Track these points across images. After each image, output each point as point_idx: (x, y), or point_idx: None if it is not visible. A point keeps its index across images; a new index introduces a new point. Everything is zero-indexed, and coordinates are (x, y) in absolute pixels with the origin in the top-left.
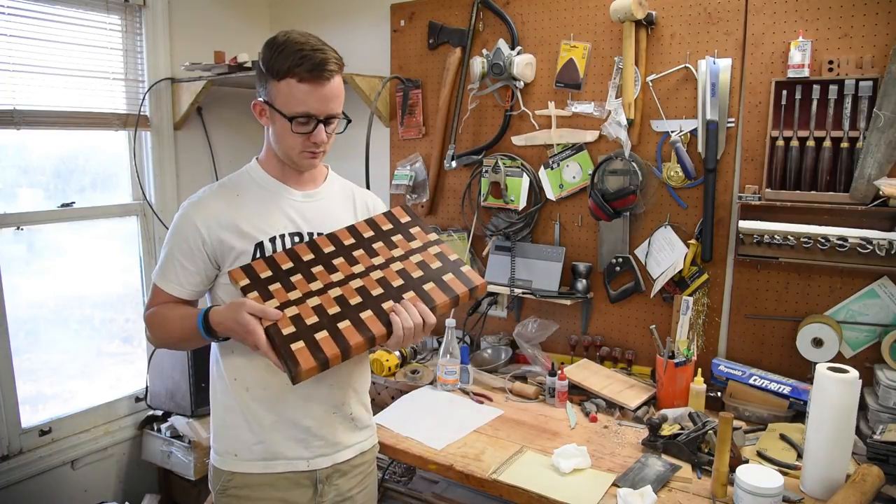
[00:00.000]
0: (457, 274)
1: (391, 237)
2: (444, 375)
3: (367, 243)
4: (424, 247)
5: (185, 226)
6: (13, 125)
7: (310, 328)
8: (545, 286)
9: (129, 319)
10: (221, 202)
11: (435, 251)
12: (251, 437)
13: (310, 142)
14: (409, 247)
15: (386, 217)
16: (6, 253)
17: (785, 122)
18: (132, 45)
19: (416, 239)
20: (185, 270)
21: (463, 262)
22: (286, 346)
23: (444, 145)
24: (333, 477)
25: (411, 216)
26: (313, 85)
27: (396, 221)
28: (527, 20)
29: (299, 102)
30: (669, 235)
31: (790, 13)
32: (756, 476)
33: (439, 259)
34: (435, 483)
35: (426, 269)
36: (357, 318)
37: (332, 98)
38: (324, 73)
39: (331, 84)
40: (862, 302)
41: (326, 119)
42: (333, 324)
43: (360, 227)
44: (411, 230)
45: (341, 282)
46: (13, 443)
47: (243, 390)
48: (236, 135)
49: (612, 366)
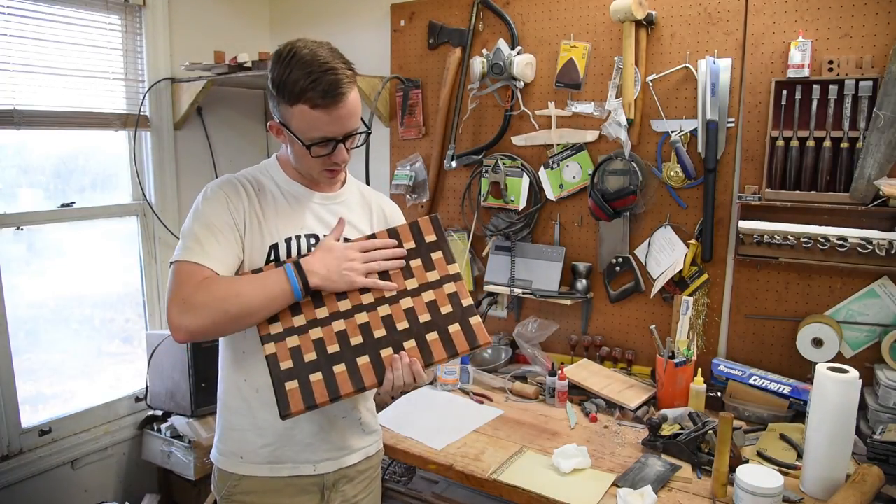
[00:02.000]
0: (464, 327)
1: (410, 262)
2: (444, 375)
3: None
4: (440, 282)
5: (219, 203)
6: (13, 125)
7: (306, 366)
8: (545, 286)
9: (129, 319)
10: (246, 195)
11: (450, 290)
12: (258, 440)
13: (331, 161)
14: (425, 279)
15: (411, 231)
16: (6, 253)
17: (785, 122)
18: (132, 45)
19: (434, 269)
20: (227, 243)
21: (474, 311)
22: (281, 382)
23: (444, 145)
24: (340, 483)
25: (438, 234)
26: (328, 111)
27: (420, 239)
28: (527, 20)
29: (315, 129)
30: (669, 235)
31: (790, 13)
32: (756, 476)
33: (451, 302)
34: (435, 483)
35: (434, 315)
36: (353, 363)
37: (349, 117)
38: (337, 97)
39: (345, 104)
40: (862, 302)
41: (345, 137)
42: (329, 366)
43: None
44: (433, 256)
45: (347, 313)
46: (13, 443)
47: (253, 392)
48: (236, 135)
49: (612, 366)
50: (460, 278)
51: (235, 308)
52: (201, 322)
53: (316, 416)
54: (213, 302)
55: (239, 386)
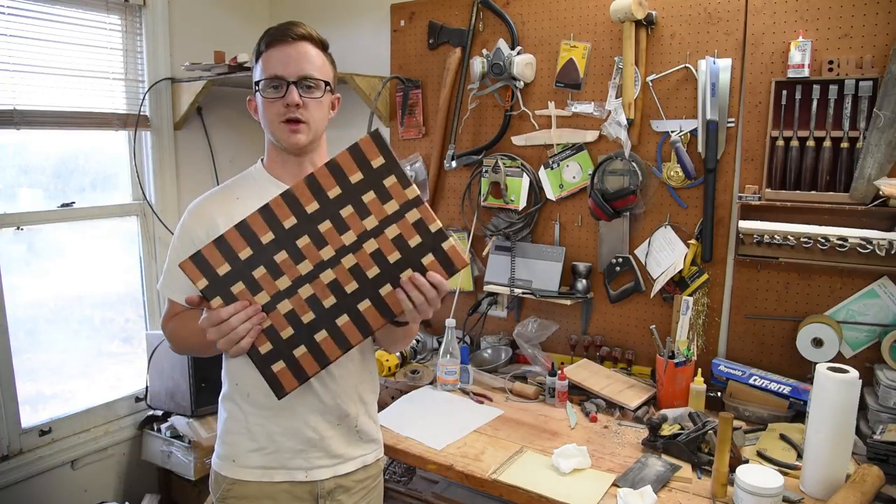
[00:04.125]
0: (438, 255)
1: (362, 197)
2: (444, 375)
3: (334, 209)
4: (401, 212)
5: (185, 232)
6: (13, 125)
7: (287, 343)
8: (545, 286)
9: (129, 319)
10: (219, 205)
11: (413, 218)
12: (250, 444)
13: (283, 106)
14: (383, 212)
15: (353, 158)
16: (6, 253)
17: (785, 122)
18: (132, 45)
19: (391, 199)
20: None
21: (445, 236)
22: (267, 368)
23: (444, 145)
24: (336, 492)
25: (385, 155)
26: (279, 46)
27: (367, 166)
28: (527, 20)
29: (268, 68)
30: (669, 235)
31: (790, 13)
32: (756, 476)
33: (418, 232)
34: (435, 483)
35: (404, 251)
36: (334, 326)
37: (301, 58)
38: (288, 34)
39: (298, 45)
40: (862, 302)
41: (299, 81)
42: (310, 336)
43: (323, 180)
44: (385, 183)
45: (310, 275)
46: (13, 443)
47: (244, 396)
48: (236, 135)
49: (612, 366)
50: (421, 202)
51: (185, 346)
52: (178, 350)
53: (310, 422)
54: (172, 341)
55: (232, 389)
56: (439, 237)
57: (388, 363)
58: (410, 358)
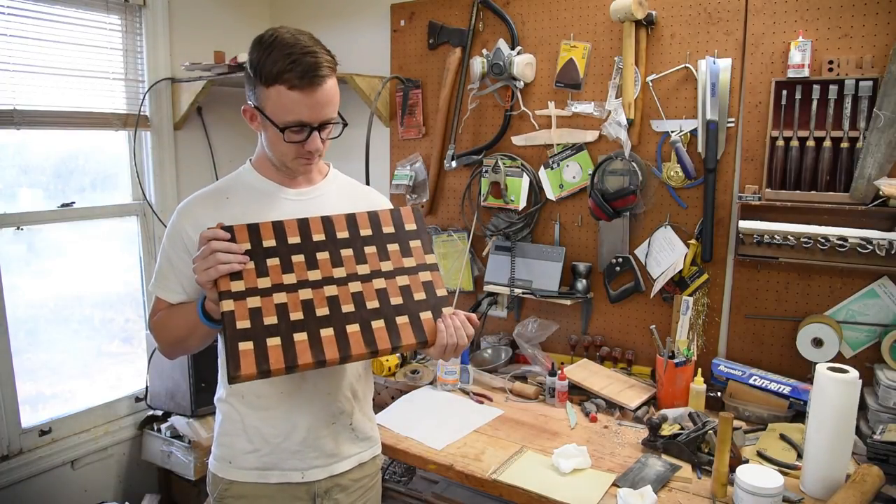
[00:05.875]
0: (436, 315)
1: (387, 245)
2: (444, 375)
3: (359, 243)
4: (416, 269)
5: (174, 232)
6: (13, 125)
7: (265, 329)
8: (545, 286)
9: (129, 319)
10: (209, 205)
11: (425, 278)
12: (246, 446)
13: (304, 150)
14: (401, 263)
15: (391, 216)
16: (6, 253)
17: (785, 122)
18: (132, 45)
19: (412, 256)
20: (180, 276)
21: (447, 302)
22: (234, 341)
23: (444, 145)
24: (333, 491)
25: (418, 224)
26: (305, 92)
27: (400, 225)
28: (527, 20)
29: (290, 111)
30: (669, 235)
31: (790, 13)
32: (756, 476)
33: (425, 290)
34: (435, 483)
35: (407, 299)
36: (316, 334)
37: (326, 104)
38: (315, 79)
39: (323, 89)
40: (862, 302)
41: (321, 126)
42: (290, 333)
43: (360, 221)
44: (411, 244)
45: (316, 283)
46: (13, 443)
47: (239, 397)
48: (236, 135)
49: (612, 366)
50: (437, 269)
51: (170, 338)
52: (163, 346)
53: (304, 422)
54: (157, 333)
55: (227, 391)
56: (443, 301)
57: (388, 363)
58: (410, 358)
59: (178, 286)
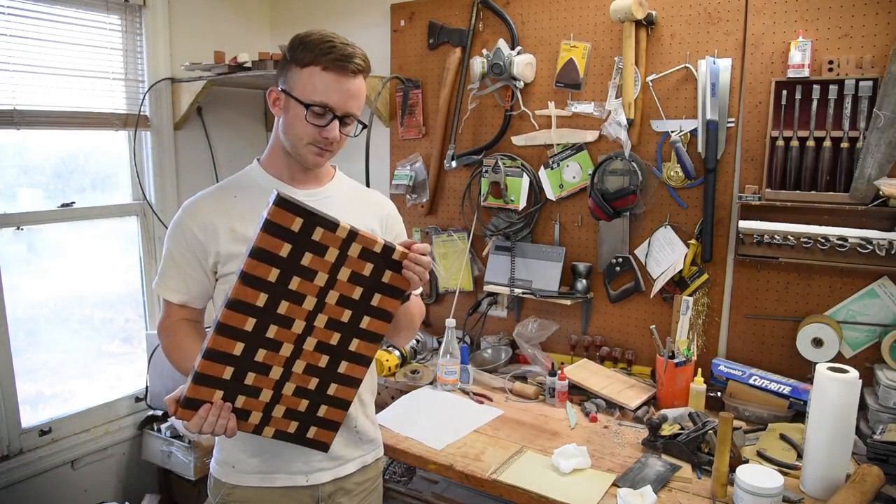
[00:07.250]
0: (391, 267)
1: (300, 263)
2: (444, 375)
3: (281, 290)
4: (343, 252)
5: (180, 230)
6: (13, 125)
7: (308, 412)
8: (545, 286)
9: (129, 319)
10: (217, 204)
11: (357, 251)
12: (249, 450)
13: (321, 136)
14: (327, 264)
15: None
16: (6, 253)
17: (785, 122)
18: (132, 45)
19: (328, 248)
20: (185, 276)
21: (391, 248)
22: (303, 439)
23: (444, 145)
24: (336, 495)
25: (298, 212)
26: (337, 76)
27: (288, 233)
28: (527, 20)
29: (319, 92)
30: (669, 235)
31: (790, 13)
32: (756, 476)
33: (367, 259)
34: (435, 483)
35: (361, 282)
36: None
37: (353, 95)
38: (349, 66)
39: (354, 80)
40: (862, 302)
41: (343, 117)
42: (324, 394)
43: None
44: (314, 237)
45: (296, 350)
46: (13, 443)
47: None
48: (236, 135)
49: (612, 366)
50: (356, 233)
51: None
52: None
53: None
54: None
55: None
56: (387, 252)
57: (388, 363)
58: (410, 358)
59: (180, 285)
